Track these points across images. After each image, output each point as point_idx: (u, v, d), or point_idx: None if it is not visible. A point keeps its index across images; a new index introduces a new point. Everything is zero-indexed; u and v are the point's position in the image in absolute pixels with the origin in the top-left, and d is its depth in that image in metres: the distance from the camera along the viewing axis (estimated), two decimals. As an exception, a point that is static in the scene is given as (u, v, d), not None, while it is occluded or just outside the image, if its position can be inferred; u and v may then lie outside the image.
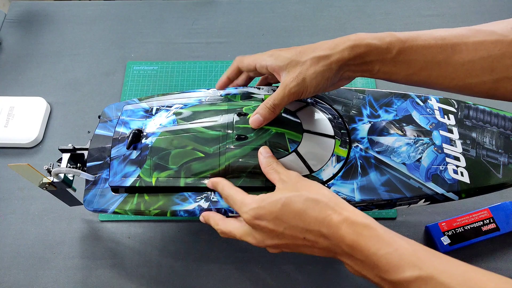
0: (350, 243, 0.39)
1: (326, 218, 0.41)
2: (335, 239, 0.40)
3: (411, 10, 0.86)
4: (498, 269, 0.59)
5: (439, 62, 0.46)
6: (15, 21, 0.86)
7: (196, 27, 0.85)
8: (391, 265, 0.37)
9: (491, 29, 0.45)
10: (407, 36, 0.46)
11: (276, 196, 0.43)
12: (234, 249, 0.62)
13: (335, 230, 0.40)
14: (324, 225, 0.41)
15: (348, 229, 0.39)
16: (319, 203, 0.41)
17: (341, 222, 0.40)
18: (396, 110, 0.55)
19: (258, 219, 0.43)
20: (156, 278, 0.60)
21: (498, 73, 0.45)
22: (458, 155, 0.51)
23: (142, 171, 0.52)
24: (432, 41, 0.46)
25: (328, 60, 0.46)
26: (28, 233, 0.64)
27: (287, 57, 0.48)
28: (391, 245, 0.38)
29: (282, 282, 0.60)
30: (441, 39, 0.46)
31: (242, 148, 0.50)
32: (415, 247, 0.39)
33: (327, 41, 0.48)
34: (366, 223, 0.40)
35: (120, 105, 0.59)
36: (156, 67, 0.80)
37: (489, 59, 0.44)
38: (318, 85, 0.47)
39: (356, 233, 0.39)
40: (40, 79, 0.79)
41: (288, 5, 0.88)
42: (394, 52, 0.46)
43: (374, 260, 0.38)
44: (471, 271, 0.37)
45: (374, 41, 0.46)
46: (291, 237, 0.43)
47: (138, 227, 0.64)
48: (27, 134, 0.70)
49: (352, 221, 0.40)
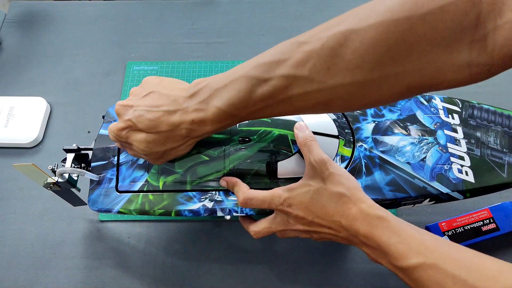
0: (365, 234, 0.42)
1: (345, 211, 0.44)
2: (352, 230, 0.43)
3: (411, 10, 0.86)
4: (499, 269, 0.59)
5: (273, 114, 0.45)
6: (15, 21, 0.86)
7: (196, 27, 0.85)
8: (400, 253, 0.40)
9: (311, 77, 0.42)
10: (233, 111, 0.43)
11: (304, 188, 0.46)
12: (234, 249, 0.62)
13: (352, 223, 0.43)
14: (344, 217, 0.44)
15: (363, 221, 0.43)
16: (341, 197, 0.44)
17: (357, 214, 0.43)
18: (400, 110, 0.55)
19: (290, 207, 0.46)
20: (156, 278, 0.60)
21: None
22: (462, 155, 0.51)
23: (150, 176, 0.52)
24: (259, 104, 0.43)
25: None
26: (28, 233, 0.64)
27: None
28: (400, 235, 0.41)
29: (282, 282, 0.60)
30: (268, 98, 0.43)
31: (246, 150, 0.50)
32: (424, 236, 0.41)
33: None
34: (380, 215, 0.43)
35: (123, 105, 0.59)
36: (156, 67, 0.80)
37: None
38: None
39: (370, 225, 0.42)
40: (40, 79, 0.78)
41: (288, 5, 0.88)
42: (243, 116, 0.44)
43: (385, 248, 0.41)
44: (475, 256, 0.39)
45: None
46: (319, 225, 0.46)
47: (138, 227, 0.64)
48: (27, 134, 0.70)
49: (367, 213, 0.43)
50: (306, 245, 0.62)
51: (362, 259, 0.61)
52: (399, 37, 0.37)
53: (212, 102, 0.43)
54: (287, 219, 0.47)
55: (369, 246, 0.43)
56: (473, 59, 0.36)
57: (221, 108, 0.43)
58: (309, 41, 0.40)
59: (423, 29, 0.36)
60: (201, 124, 0.44)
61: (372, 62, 0.38)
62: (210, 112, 0.43)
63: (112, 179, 0.53)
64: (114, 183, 0.53)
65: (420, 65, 0.37)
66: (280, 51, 0.42)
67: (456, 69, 0.37)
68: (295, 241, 0.62)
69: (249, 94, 0.42)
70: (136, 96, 0.47)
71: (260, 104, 0.42)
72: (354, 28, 0.38)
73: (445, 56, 0.37)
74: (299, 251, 0.61)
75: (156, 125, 0.44)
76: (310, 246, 0.62)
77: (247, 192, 0.48)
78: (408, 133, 0.53)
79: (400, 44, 0.37)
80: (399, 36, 0.36)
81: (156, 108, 0.44)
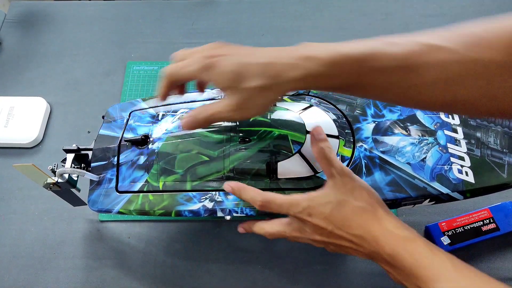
0: (390, 253, 0.42)
1: (369, 227, 0.43)
2: (376, 247, 0.43)
3: (411, 10, 0.86)
4: (498, 269, 0.59)
5: (400, 86, 0.41)
6: (15, 21, 0.86)
7: (196, 27, 0.85)
8: (429, 277, 0.39)
9: (451, 47, 0.40)
10: (363, 57, 0.42)
11: (326, 199, 0.45)
12: (234, 249, 0.62)
13: (377, 240, 0.43)
14: (367, 233, 0.43)
15: (388, 240, 0.42)
16: (365, 212, 0.44)
17: (382, 232, 0.43)
18: (401, 110, 0.55)
19: (309, 216, 0.45)
20: (156, 278, 0.60)
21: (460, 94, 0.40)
22: (462, 155, 0.51)
23: (150, 176, 0.52)
24: (392, 62, 0.41)
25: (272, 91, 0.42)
26: (28, 233, 0.64)
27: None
28: (430, 258, 0.41)
29: (282, 282, 0.60)
30: (401, 59, 0.41)
31: (246, 150, 0.50)
32: (454, 261, 0.41)
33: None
34: (406, 235, 0.42)
35: (124, 106, 0.59)
36: (156, 67, 0.80)
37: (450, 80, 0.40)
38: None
39: (396, 245, 0.42)
40: (40, 79, 0.78)
41: (288, 5, 0.88)
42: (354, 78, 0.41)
43: (414, 271, 0.40)
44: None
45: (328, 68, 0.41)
46: (339, 237, 0.45)
47: (138, 227, 0.64)
48: (27, 134, 0.70)
49: (393, 233, 0.42)
50: (306, 245, 0.62)
51: (362, 259, 0.61)
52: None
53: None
54: (303, 226, 0.47)
55: (393, 266, 0.42)
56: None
57: (342, 52, 0.41)
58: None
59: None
60: (310, 60, 0.40)
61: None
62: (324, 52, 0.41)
63: (112, 179, 0.53)
64: (114, 183, 0.53)
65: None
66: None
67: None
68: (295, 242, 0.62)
69: (378, 50, 0.42)
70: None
71: (388, 65, 0.41)
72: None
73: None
74: (299, 251, 0.61)
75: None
76: (310, 246, 0.61)
77: (265, 194, 0.46)
78: (408, 134, 0.53)
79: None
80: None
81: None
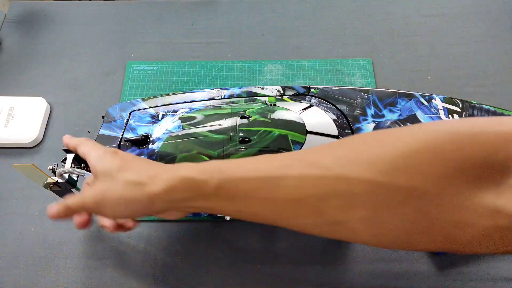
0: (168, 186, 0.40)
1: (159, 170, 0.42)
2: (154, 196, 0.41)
3: (411, 10, 0.86)
4: (498, 269, 0.59)
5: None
6: (15, 21, 0.86)
7: (196, 27, 0.85)
8: (203, 180, 0.39)
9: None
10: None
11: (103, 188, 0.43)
12: (234, 249, 0.62)
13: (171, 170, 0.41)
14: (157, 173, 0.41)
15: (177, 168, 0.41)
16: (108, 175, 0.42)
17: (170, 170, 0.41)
18: (401, 110, 0.55)
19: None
20: (156, 278, 0.60)
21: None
22: None
23: None
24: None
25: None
26: (28, 233, 0.64)
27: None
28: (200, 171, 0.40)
29: (282, 282, 0.60)
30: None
31: (246, 150, 0.50)
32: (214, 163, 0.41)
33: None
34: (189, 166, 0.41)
35: (124, 105, 0.59)
36: (156, 67, 0.80)
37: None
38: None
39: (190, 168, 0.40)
40: (40, 79, 0.78)
41: (288, 5, 0.88)
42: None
43: (190, 184, 0.39)
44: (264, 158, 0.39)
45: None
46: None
47: (138, 227, 0.64)
48: (27, 134, 0.70)
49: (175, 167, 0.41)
50: (306, 245, 0.62)
51: (362, 259, 0.61)
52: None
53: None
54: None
55: (171, 200, 0.40)
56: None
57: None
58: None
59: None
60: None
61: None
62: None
63: None
64: None
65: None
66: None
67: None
68: (295, 241, 0.62)
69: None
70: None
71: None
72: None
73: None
74: (299, 251, 0.61)
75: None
76: (310, 246, 0.62)
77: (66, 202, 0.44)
78: None
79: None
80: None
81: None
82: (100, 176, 0.43)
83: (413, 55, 0.80)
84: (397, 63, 0.79)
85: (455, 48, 0.80)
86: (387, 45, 0.81)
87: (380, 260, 0.60)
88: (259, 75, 0.78)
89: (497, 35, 0.82)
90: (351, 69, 0.78)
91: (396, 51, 0.80)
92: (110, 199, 0.41)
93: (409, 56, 0.80)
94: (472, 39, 0.81)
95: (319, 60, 0.79)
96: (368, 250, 0.61)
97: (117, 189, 0.41)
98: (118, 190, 0.41)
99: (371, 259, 0.61)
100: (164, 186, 0.39)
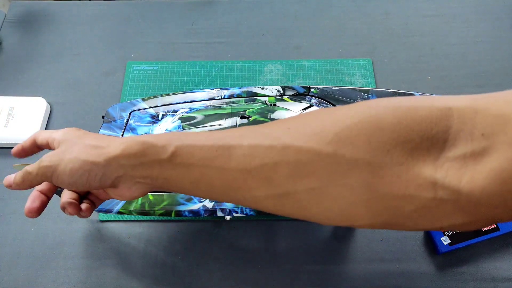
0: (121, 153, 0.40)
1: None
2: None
3: (411, 10, 0.86)
4: (498, 269, 0.59)
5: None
6: (15, 21, 0.86)
7: (196, 27, 0.85)
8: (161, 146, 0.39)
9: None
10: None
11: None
12: (234, 249, 0.62)
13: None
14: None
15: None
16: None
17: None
18: None
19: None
20: (156, 277, 0.60)
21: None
22: None
23: None
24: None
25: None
26: (28, 233, 0.64)
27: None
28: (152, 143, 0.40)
29: (282, 282, 0.60)
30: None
31: None
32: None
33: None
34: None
35: (124, 105, 0.59)
36: (156, 67, 0.80)
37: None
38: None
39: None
40: (40, 79, 0.78)
41: (288, 5, 0.88)
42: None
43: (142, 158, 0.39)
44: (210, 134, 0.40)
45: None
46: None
47: (138, 227, 0.64)
48: (27, 134, 0.70)
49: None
50: (306, 245, 0.62)
51: (362, 259, 0.61)
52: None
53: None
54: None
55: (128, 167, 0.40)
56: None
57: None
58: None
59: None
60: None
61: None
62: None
63: None
64: None
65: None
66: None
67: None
68: (295, 241, 0.62)
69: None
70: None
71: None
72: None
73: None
74: (299, 251, 0.61)
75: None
76: (310, 246, 0.62)
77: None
78: None
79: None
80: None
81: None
82: (61, 144, 0.43)
83: (413, 55, 0.80)
84: (397, 63, 0.79)
85: (455, 48, 0.80)
86: (387, 45, 0.81)
87: (380, 260, 0.60)
88: (259, 75, 0.78)
89: (497, 35, 0.82)
90: (351, 69, 0.78)
91: (396, 51, 0.80)
92: (67, 159, 0.41)
93: (409, 56, 0.80)
94: (472, 39, 0.81)
95: (319, 60, 0.79)
96: (368, 250, 0.61)
97: (74, 150, 0.41)
98: (74, 152, 0.41)
99: (371, 259, 0.61)
100: (121, 147, 0.39)
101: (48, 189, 0.47)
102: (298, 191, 0.36)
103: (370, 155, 0.33)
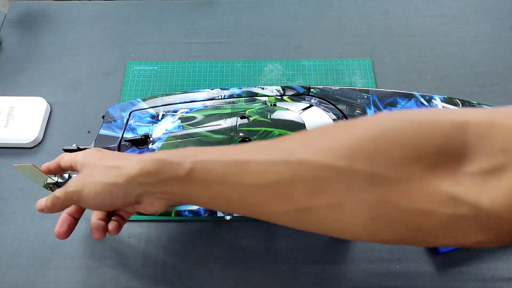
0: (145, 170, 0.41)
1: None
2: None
3: (411, 10, 0.86)
4: (498, 269, 0.59)
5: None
6: (15, 21, 0.86)
7: (196, 27, 0.85)
8: (177, 163, 0.40)
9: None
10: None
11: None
12: (234, 249, 0.62)
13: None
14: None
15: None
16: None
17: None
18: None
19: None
20: (156, 277, 0.60)
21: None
22: None
23: None
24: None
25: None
26: (28, 233, 0.64)
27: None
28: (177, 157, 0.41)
29: (282, 282, 0.60)
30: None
31: None
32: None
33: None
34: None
35: (124, 105, 0.59)
36: (156, 67, 0.80)
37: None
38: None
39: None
40: (40, 79, 0.78)
41: (288, 5, 0.88)
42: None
43: (163, 171, 0.40)
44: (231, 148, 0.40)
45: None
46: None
47: (138, 227, 0.64)
48: (27, 134, 0.70)
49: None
50: (306, 245, 0.62)
51: (362, 259, 0.61)
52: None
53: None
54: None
55: (151, 184, 0.41)
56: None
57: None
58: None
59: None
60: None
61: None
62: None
63: None
64: None
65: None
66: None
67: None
68: (295, 241, 0.62)
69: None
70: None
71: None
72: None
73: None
74: (299, 251, 0.61)
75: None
76: (310, 246, 0.62)
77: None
78: None
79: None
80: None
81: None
82: (84, 168, 0.45)
83: (413, 55, 0.80)
84: (397, 63, 0.79)
85: (455, 48, 0.80)
86: (387, 45, 0.81)
87: (380, 260, 0.60)
88: (259, 75, 0.78)
89: (497, 35, 0.82)
90: (351, 69, 0.78)
91: (396, 51, 0.80)
92: (89, 183, 0.43)
93: (409, 56, 0.80)
94: (472, 39, 0.81)
95: (319, 60, 0.79)
96: (368, 250, 0.61)
97: (96, 174, 0.43)
98: (96, 175, 0.43)
99: (371, 259, 0.61)
100: (139, 166, 0.41)
101: (76, 211, 0.50)
102: (317, 207, 0.35)
103: (387, 170, 0.32)
